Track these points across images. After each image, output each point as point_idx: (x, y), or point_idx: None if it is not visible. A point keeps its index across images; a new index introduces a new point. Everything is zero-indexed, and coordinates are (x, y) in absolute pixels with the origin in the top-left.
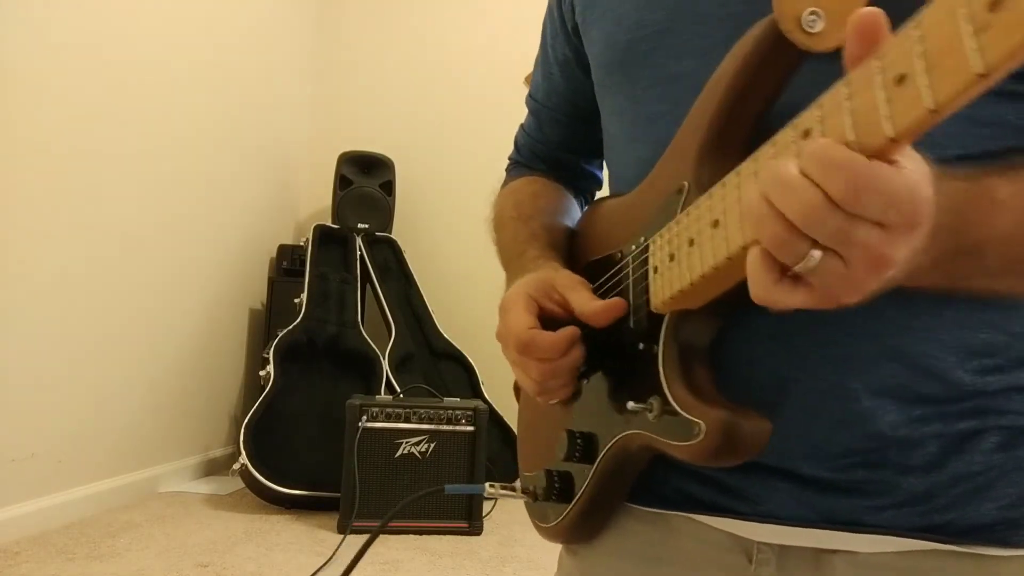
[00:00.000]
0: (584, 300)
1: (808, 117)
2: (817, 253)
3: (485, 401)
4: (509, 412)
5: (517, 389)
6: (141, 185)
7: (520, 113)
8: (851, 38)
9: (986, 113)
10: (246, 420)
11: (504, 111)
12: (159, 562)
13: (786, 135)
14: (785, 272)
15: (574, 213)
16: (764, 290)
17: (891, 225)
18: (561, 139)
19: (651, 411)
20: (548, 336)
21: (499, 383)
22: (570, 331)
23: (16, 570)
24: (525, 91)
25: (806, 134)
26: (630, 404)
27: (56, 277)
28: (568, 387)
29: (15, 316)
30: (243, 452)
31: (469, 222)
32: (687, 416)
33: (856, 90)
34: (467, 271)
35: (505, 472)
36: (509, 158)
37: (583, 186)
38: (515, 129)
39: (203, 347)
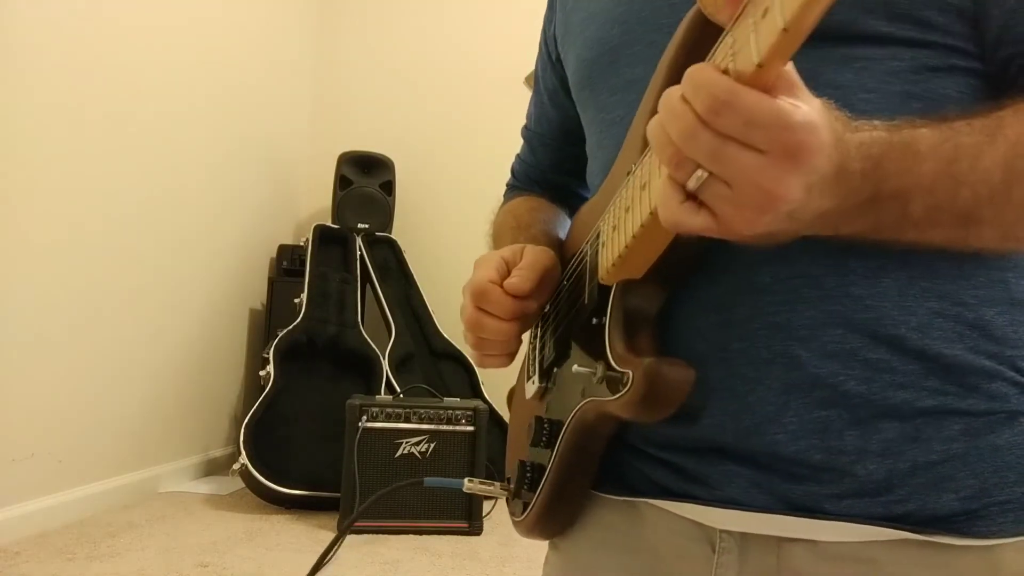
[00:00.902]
0: (513, 274)
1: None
2: (703, 172)
3: (485, 401)
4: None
5: (510, 396)
6: (140, 185)
7: (519, 113)
8: (725, 3)
9: (919, 89)
10: (246, 420)
11: (504, 111)
12: (159, 562)
13: None
14: (688, 195)
15: (568, 228)
16: (670, 211)
17: (766, 151)
18: (552, 163)
19: (596, 374)
20: (503, 295)
21: (499, 383)
22: (525, 304)
23: (16, 570)
24: (525, 92)
25: None
26: (575, 368)
27: (56, 277)
28: (502, 357)
29: (15, 316)
30: (243, 452)
31: (469, 222)
32: (620, 370)
33: (737, 35)
34: (467, 271)
35: (505, 472)
36: (507, 184)
37: (576, 206)
38: (515, 129)
39: (203, 347)
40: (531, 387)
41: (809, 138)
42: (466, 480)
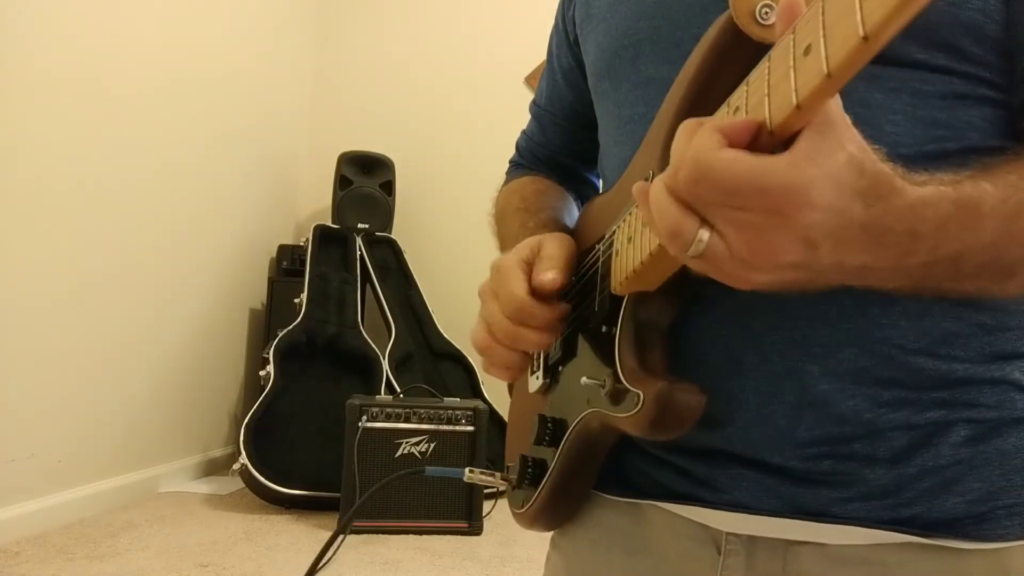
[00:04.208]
0: (540, 269)
1: (738, 95)
2: (703, 242)
3: (485, 401)
4: None
5: (511, 384)
6: (141, 185)
7: (519, 113)
8: (779, 21)
9: (944, 115)
10: (246, 420)
11: (504, 111)
12: (159, 562)
13: (721, 112)
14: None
15: (575, 215)
16: (676, 254)
17: (749, 209)
18: (562, 143)
19: (603, 387)
20: (543, 308)
21: (499, 383)
22: (564, 309)
23: (16, 570)
24: (525, 91)
25: (736, 111)
26: (583, 380)
27: (56, 277)
28: (521, 367)
29: (16, 316)
30: (243, 452)
31: (469, 222)
32: (630, 388)
33: (775, 65)
34: (467, 271)
35: (506, 461)
36: (510, 161)
37: (582, 191)
38: (515, 129)
39: (203, 347)
40: (534, 382)
41: (791, 197)
42: (467, 470)
